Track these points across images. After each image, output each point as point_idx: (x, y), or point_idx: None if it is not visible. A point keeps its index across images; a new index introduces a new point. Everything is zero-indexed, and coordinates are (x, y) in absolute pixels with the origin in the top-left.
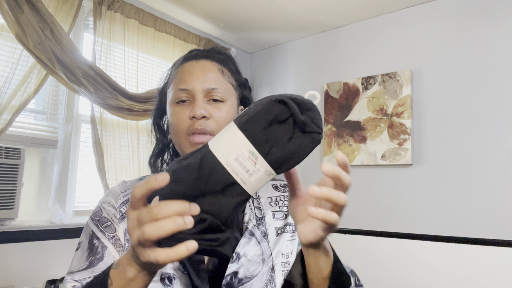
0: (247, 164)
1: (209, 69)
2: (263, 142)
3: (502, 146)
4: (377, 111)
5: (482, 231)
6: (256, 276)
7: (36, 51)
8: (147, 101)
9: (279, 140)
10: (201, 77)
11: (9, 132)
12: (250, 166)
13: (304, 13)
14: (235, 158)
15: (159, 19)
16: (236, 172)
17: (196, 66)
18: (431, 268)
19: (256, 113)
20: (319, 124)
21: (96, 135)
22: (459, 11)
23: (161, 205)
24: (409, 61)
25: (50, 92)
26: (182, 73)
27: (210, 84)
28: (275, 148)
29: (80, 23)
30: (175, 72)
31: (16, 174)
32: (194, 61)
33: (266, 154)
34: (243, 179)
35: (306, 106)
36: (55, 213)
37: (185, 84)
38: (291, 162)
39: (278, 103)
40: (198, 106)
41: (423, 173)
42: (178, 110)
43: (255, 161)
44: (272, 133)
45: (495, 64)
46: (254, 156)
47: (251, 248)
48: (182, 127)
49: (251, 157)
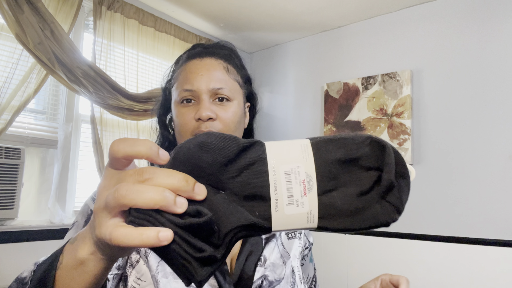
0: (295, 188)
1: (214, 68)
2: (329, 176)
3: (502, 146)
4: (377, 111)
5: (482, 231)
6: (284, 278)
7: (36, 51)
8: (147, 101)
9: (348, 187)
10: (206, 77)
11: (9, 132)
12: (296, 193)
13: (304, 13)
14: (286, 171)
15: (159, 19)
16: (277, 188)
17: (201, 65)
18: (431, 268)
19: (341, 139)
20: (403, 202)
21: (96, 135)
22: (459, 11)
23: (157, 171)
24: (409, 61)
25: (50, 92)
26: (186, 73)
27: (216, 83)
28: (338, 192)
29: (80, 23)
30: (179, 70)
31: (16, 174)
32: (198, 60)
33: (324, 192)
34: (278, 203)
35: (403, 170)
36: (55, 213)
37: (190, 84)
38: (343, 222)
39: (375, 143)
40: (204, 107)
41: (423, 173)
42: (184, 111)
43: (306, 191)
44: (346, 173)
45: (495, 64)
46: (309, 184)
47: (272, 251)
48: (188, 128)
49: (305, 182)
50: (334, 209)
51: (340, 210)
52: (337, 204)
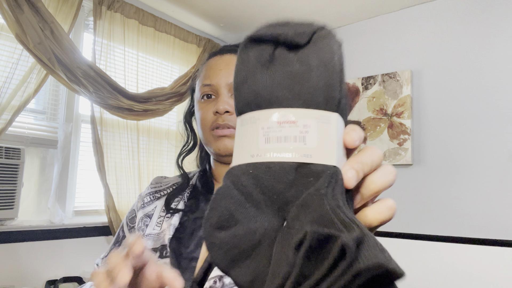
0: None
1: (233, 63)
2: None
3: (502, 146)
4: (377, 111)
5: (482, 231)
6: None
7: (36, 51)
8: (147, 101)
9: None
10: (224, 72)
11: (9, 132)
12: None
13: (304, 13)
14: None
15: (159, 19)
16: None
17: (220, 60)
18: (431, 268)
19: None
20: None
21: (96, 135)
22: (459, 11)
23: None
24: (409, 61)
25: (50, 92)
26: (207, 69)
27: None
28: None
29: (80, 23)
30: (201, 68)
31: (16, 174)
32: (218, 56)
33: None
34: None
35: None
36: (55, 213)
37: (209, 79)
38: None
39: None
40: (221, 101)
41: (423, 173)
42: (203, 106)
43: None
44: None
45: (495, 64)
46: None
47: None
48: (207, 122)
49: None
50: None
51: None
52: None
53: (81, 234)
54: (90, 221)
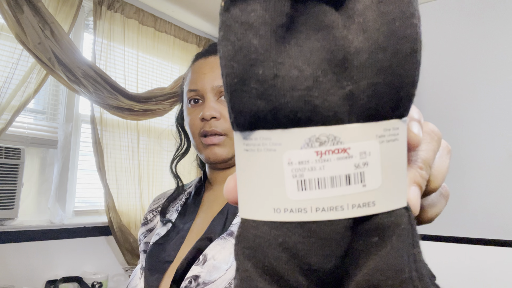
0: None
1: (218, 65)
2: None
3: (502, 146)
4: None
5: (482, 231)
6: (214, 282)
7: (36, 51)
8: (147, 101)
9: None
10: (209, 76)
11: (9, 132)
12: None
13: None
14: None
15: (159, 19)
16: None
17: (204, 64)
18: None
19: None
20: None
21: (96, 135)
22: (458, 11)
23: None
24: None
25: (50, 92)
26: (192, 73)
27: (219, 81)
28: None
29: (80, 23)
30: (188, 71)
31: (16, 174)
32: (203, 59)
33: None
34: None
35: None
36: (55, 213)
37: (194, 84)
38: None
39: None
40: (207, 107)
41: None
42: (191, 111)
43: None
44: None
45: (495, 64)
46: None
47: (224, 251)
48: (195, 128)
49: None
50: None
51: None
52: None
53: (81, 234)
54: (90, 221)
